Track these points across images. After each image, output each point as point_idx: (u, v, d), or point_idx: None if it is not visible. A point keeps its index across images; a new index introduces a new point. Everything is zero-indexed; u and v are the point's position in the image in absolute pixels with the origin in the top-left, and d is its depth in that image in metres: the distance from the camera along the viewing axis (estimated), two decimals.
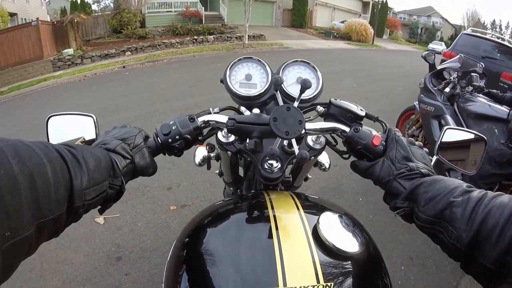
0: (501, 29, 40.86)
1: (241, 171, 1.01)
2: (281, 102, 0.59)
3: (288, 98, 0.75)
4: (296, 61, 0.81)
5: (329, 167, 0.98)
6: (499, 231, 0.38)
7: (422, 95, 2.71)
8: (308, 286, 0.44)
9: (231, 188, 1.12)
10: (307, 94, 0.76)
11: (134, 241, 2.08)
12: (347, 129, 0.65)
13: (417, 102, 2.82)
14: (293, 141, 0.58)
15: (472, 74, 2.42)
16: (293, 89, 0.76)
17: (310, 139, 0.72)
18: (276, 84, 0.58)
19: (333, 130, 0.67)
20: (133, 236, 2.13)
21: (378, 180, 0.58)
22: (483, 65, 2.59)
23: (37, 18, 9.75)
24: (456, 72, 2.51)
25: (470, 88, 2.43)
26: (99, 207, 0.52)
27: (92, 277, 1.81)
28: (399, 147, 0.59)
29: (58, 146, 0.41)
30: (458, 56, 2.68)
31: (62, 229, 0.41)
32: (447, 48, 6.83)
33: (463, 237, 0.42)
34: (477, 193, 0.45)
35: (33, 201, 0.33)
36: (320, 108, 0.74)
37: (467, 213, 0.42)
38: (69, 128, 0.65)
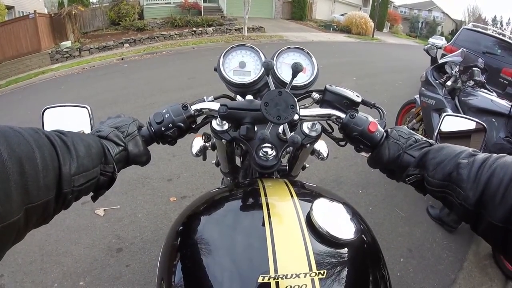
0: (501, 26, 40.64)
1: (238, 161, 1.01)
2: (273, 88, 0.57)
3: (282, 85, 0.74)
4: (290, 47, 0.79)
5: (327, 156, 0.97)
6: (504, 189, 0.40)
7: (423, 89, 2.71)
8: (300, 273, 0.43)
9: (228, 178, 1.12)
10: (302, 80, 0.75)
11: (135, 232, 2.09)
12: (342, 115, 0.64)
13: (418, 96, 2.82)
14: (286, 126, 0.57)
15: (474, 68, 2.42)
16: (287, 76, 0.74)
17: (305, 126, 0.71)
18: (267, 68, 0.57)
19: (328, 117, 0.67)
20: (133, 228, 2.13)
21: (390, 160, 0.58)
22: (484, 61, 2.58)
23: (35, 11, 9.60)
24: (457, 66, 2.50)
25: (472, 82, 2.44)
26: (91, 194, 0.52)
27: (92, 269, 1.82)
28: (398, 128, 0.61)
29: (49, 132, 0.41)
30: (460, 50, 2.67)
31: (51, 216, 0.42)
32: (447, 43, 6.79)
33: (470, 197, 0.43)
34: (482, 155, 0.46)
35: (21, 186, 0.33)
36: (316, 95, 0.73)
37: (473, 174, 0.44)
38: (64, 119, 0.66)
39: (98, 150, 0.49)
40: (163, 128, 0.62)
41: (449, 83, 2.46)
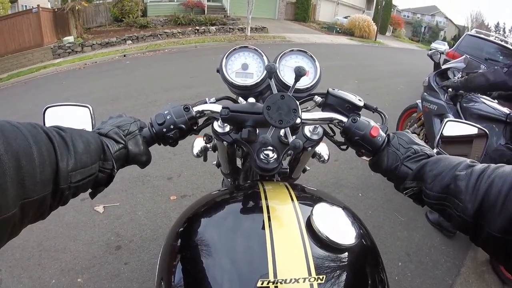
0: (504, 32, 40.67)
1: (239, 162, 1.01)
2: (275, 91, 0.57)
3: (285, 88, 0.73)
4: (293, 50, 0.79)
5: (328, 159, 0.97)
6: (503, 199, 0.39)
7: (425, 94, 2.71)
8: (299, 278, 0.43)
9: (229, 179, 1.11)
10: (304, 83, 0.74)
11: (134, 230, 2.09)
12: (344, 119, 0.64)
13: (419, 100, 2.82)
14: (287, 130, 0.57)
15: None
16: (290, 79, 0.74)
17: (307, 130, 0.71)
18: (270, 71, 0.57)
19: (330, 120, 0.67)
20: (132, 226, 2.13)
21: (388, 169, 0.58)
22: (486, 67, 2.59)
23: (38, 5, 9.56)
24: (460, 72, 2.51)
25: None
26: (89, 191, 0.52)
27: (91, 266, 1.81)
28: (399, 134, 0.61)
29: (47, 128, 0.41)
30: (464, 56, 2.67)
31: (48, 212, 0.42)
32: (450, 48, 6.79)
33: (468, 208, 0.43)
34: (480, 166, 0.46)
35: (17, 181, 0.33)
36: (318, 98, 0.73)
37: (471, 185, 0.44)
38: (66, 119, 0.66)
39: (97, 147, 0.49)
40: (164, 129, 0.62)
41: (451, 89, 2.47)
